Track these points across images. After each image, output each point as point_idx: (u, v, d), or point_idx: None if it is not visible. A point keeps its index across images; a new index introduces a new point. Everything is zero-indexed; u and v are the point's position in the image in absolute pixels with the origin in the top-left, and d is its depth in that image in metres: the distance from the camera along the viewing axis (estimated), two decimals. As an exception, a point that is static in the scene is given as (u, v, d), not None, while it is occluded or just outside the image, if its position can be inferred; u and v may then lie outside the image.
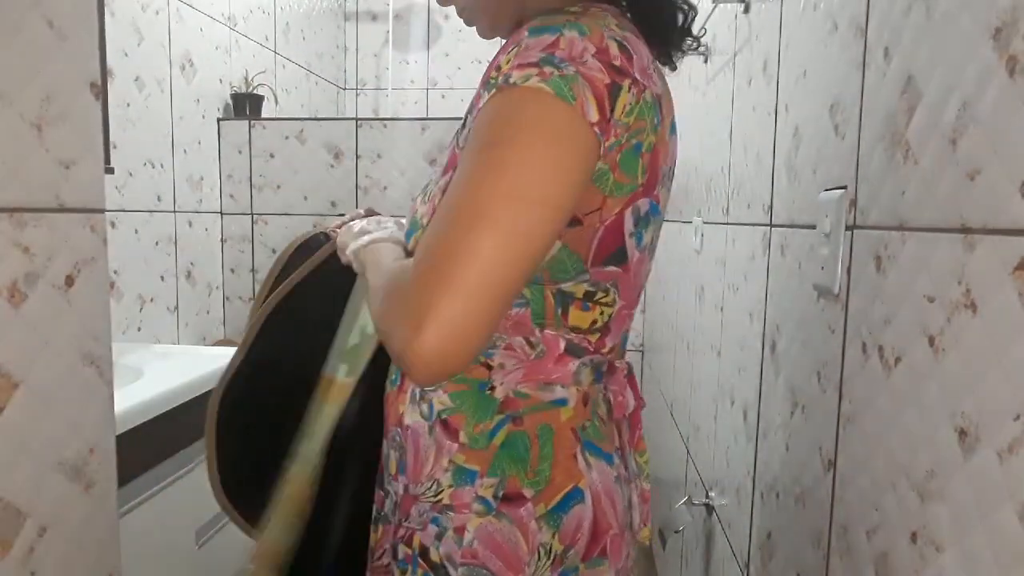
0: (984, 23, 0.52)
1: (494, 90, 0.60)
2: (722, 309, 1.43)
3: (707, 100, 1.70)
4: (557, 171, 0.58)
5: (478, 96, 0.64)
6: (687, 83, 2.02)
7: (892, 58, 0.67)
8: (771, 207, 1.06)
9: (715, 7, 1.48)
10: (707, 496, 1.47)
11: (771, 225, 1.06)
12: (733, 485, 1.26)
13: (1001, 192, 0.49)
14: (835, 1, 0.82)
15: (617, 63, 0.61)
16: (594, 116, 0.59)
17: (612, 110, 0.60)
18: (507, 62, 0.60)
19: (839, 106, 0.79)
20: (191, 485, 1.42)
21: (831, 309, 0.79)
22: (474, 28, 0.77)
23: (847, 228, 0.75)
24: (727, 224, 1.41)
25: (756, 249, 1.15)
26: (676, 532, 1.49)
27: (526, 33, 0.61)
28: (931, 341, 0.57)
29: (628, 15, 0.71)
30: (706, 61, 1.73)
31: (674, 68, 0.78)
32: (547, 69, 0.58)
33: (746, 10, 1.29)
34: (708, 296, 1.61)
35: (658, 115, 0.66)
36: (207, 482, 0.87)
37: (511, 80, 0.59)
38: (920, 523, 0.58)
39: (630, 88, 0.62)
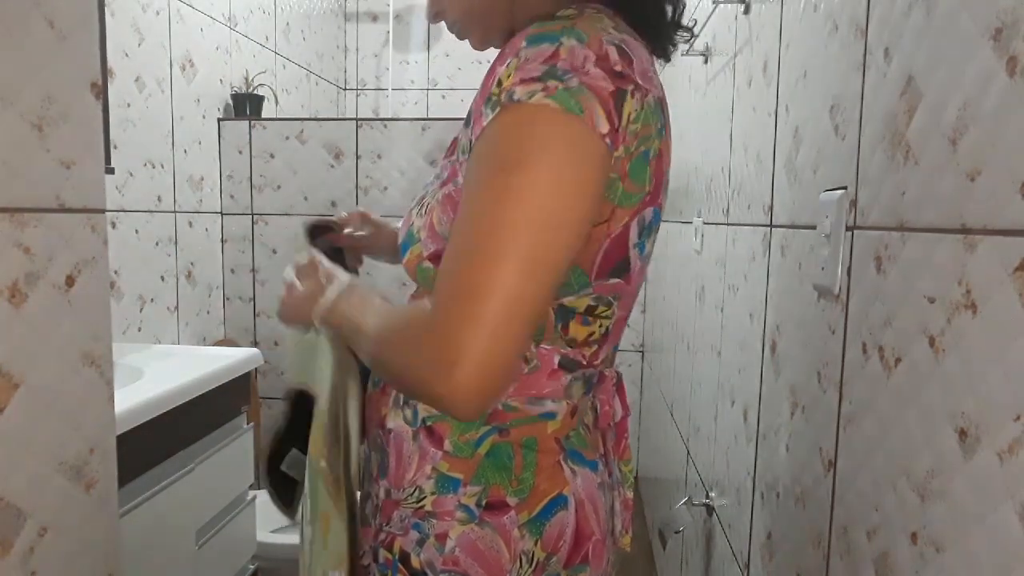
0: (984, 23, 0.52)
1: (498, 108, 0.58)
2: (722, 310, 1.43)
3: (707, 101, 1.70)
4: (574, 193, 0.57)
5: (479, 112, 0.61)
6: (687, 83, 2.02)
7: (892, 59, 0.67)
8: (771, 208, 1.06)
9: (715, 7, 1.48)
10: (707, 496, 1.46)
11: (771, 226, 1.06)
12: (733, 485, 1.26)
13: (1001, 192, 0.49)
14: (835, 2, 0.82)
15: (619, 68, 0.59)
16: (604, 127, 0.58)
17: (620, 118, 0.59)
18: (507, 76, 0.58)
19: (839, 107, 0.80)
20: (191, 485, 1.42)
21: (831, 309, 0.79)
22: (466, 40, 0.76)
23: (847, 228, 0.75)
24: (727, 225, 1.41)
25: (756, 250, 1.16)
26: (676, 533, 1.49)
27: (523, 43, 0.59)
28: (931, 341, 0.57)
29: (617, 10, 0.69)
30: (706, 62, 1.73)
31: (668, 59, 0.77)
32: (551, 83, 0.56)
33: (746, 11, 1.29)
34: (708, 297, 1.61)
35: (661, 119, 0.65)
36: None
37: (515, 97, 0.57)
38: (920, 523, 0.58)
39: (633, 93, 0.60)
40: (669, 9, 0.73)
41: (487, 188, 0.57)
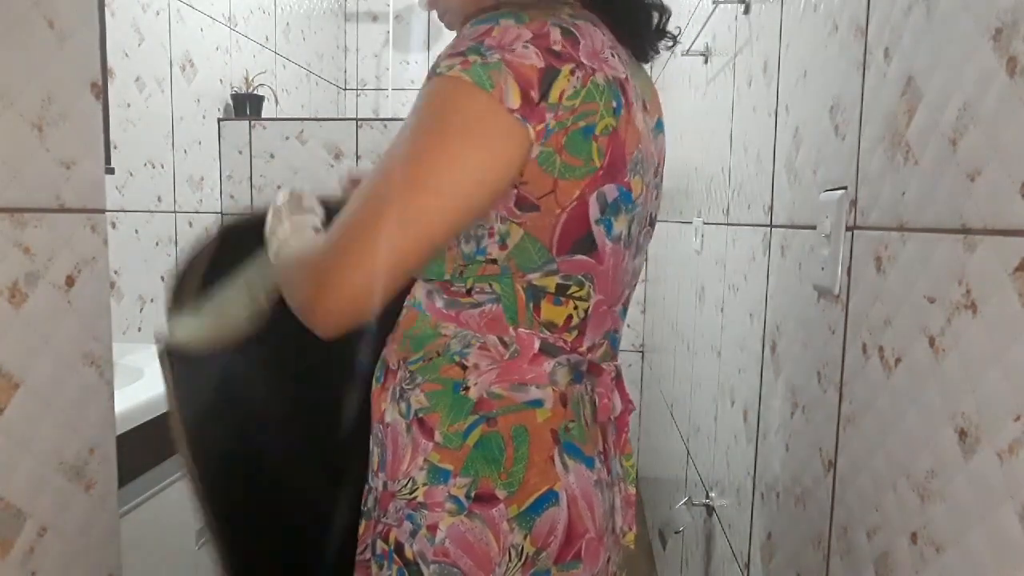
0: (984, 24, 0.52)
1: (426, 80, 0.64)
2: (722, 310, 1.43)
3: (707, 101, 1.70)
4: (460, 161, 0.61)
5: None
6: (687, 83, 2.02)
7: (892, 59, 0.67)
8: (771, 208, 1.06)
9: (715, 8, 1.48)
10: (707, 497, 1.47)
11: (771, 226, 1.06)
12: (733, 486, 1.26)
13: (1001, 193, 0.49)
14: (835, 2, 0.83)
15: (557, 48, 0.62)
16: (514, 102, 0.60)
17: (546, 94, 0.61)
18: (442, 53, 0.63)
19: (839, 107, 0.80)
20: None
21: (831, 310, 0.79)
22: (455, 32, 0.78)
23: (847, 229, 0.75)
24: (727, 225, 1.41)
25: (756, 250, 1.16)
26: (676, 533, 1.49)
27: (469, 24, 0.64)
28: (931, 342, 0.57)
29: (598, 11, 0.72)
30: (706, 62, 1.73)
31: (646, 60, 0.80)
32: (471, 58, 0.61)
33: (746, 11, 1.29)
34: (708, 297, 1.61)
35: (616, 98, 0.66)
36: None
37: (437, 70, 0.62)
38: (920, 523, 0.58)
39: (573, 72, 0.63)
40: (656, 16, 0.76)
41: (393, 148, 0.64)
